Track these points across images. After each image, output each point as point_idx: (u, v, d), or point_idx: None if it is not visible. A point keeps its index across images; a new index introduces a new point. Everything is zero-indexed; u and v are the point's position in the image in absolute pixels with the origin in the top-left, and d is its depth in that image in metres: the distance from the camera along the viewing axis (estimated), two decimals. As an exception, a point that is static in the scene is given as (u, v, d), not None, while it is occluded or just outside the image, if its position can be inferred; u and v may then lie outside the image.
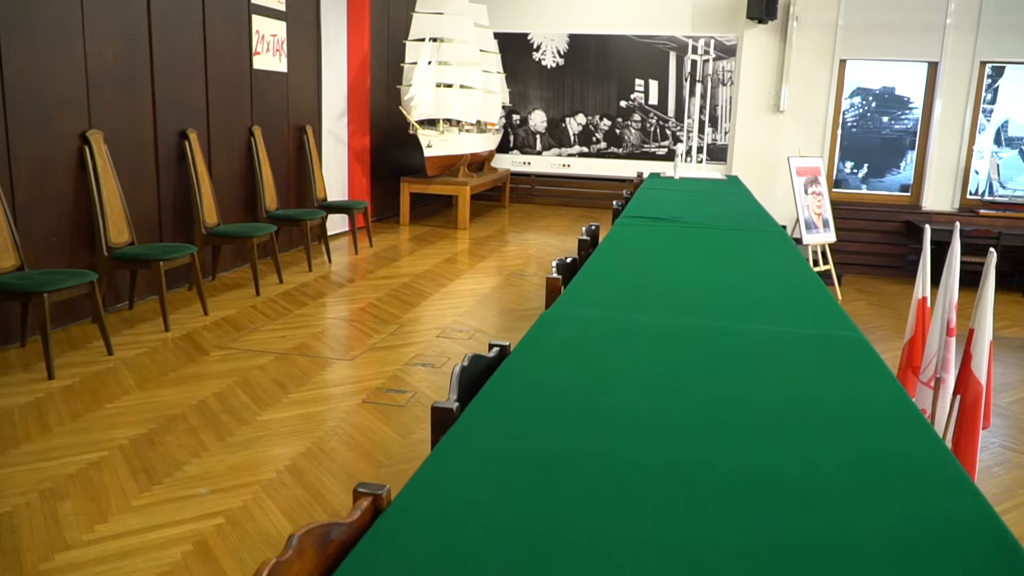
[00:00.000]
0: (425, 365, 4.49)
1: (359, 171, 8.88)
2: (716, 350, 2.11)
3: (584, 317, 2.38)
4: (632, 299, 2.65)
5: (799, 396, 1.77)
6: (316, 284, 6.38)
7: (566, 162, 11.85)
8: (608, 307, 2.52)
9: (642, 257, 3.47)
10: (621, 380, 1.84)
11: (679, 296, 2.72)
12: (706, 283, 2.94)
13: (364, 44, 8.71)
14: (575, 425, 1.60)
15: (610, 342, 2.15)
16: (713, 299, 2.68)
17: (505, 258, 7.71)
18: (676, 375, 1.90)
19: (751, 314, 2.49)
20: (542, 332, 2.22)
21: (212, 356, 4.52)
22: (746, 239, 4.06)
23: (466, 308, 5.76)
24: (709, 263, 3.37)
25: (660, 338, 2.20)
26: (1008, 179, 11.03)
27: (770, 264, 3.38)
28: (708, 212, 5.16)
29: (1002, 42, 10.46)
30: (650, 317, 2.41)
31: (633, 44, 11.45)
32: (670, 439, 1.54)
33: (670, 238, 4.01)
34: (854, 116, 11.29)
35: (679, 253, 3.60)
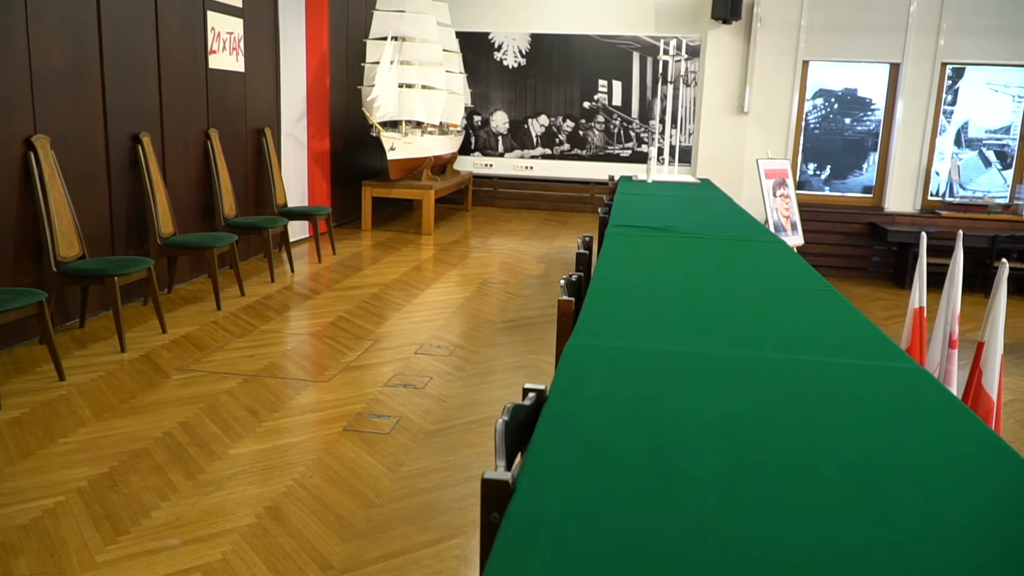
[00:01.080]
0: (407, 386, 4.21)
1: (319, 175, 8.53)
2: (774, 389, 1.89)
3: (613, 349, 2.14)
4: (657, 325, 2.42)
5: (895, 450, 1.56)
6: (280, 296, 6.04)
7: (529, 164, 11.63)
8: (635, 336, 2.29)
9: (649, 273, 3.25)
10: (685, 433, 1.61)
11: (705, 320, 2.50)
12: (728, 303, 2.73)
13: (323, 43, 8.36)
14: (654, 496, 1.36)
15: (652, 382, 1.92)
16: (744, 323, 2.47)
17: (474, 265, 7.45)
18: (743, 423, 1.67)
19: (795, 342, 2.28)
20: (574, 369, 1.97)
21: (174, 380, 4.18)
22: (748, 250, 3.87)
23: (441, 321, 5.49)
24: (722, 279, 3.16)
25: (706, 375, 1.97)
26: (968, 180, 11.13)
27: (785, 279, 3.19)
28: (697, 220, 4.97)
29: (962, 44, 10.55)
30: (685, 347, 2.18)
31: (596, 44, 11.27)
32: (769, 518, 1.30)
33: (670, 250, 3.80)
34: (816, 118, 11.29)
35: (686, 267, 3.39)
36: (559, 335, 2.60)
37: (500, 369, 4.53)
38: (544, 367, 4.59)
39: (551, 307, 5.96)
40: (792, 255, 3.78)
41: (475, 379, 4.35)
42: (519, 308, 5.91)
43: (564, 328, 2.61)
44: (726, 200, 6.41)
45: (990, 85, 10.91)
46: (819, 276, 3.25)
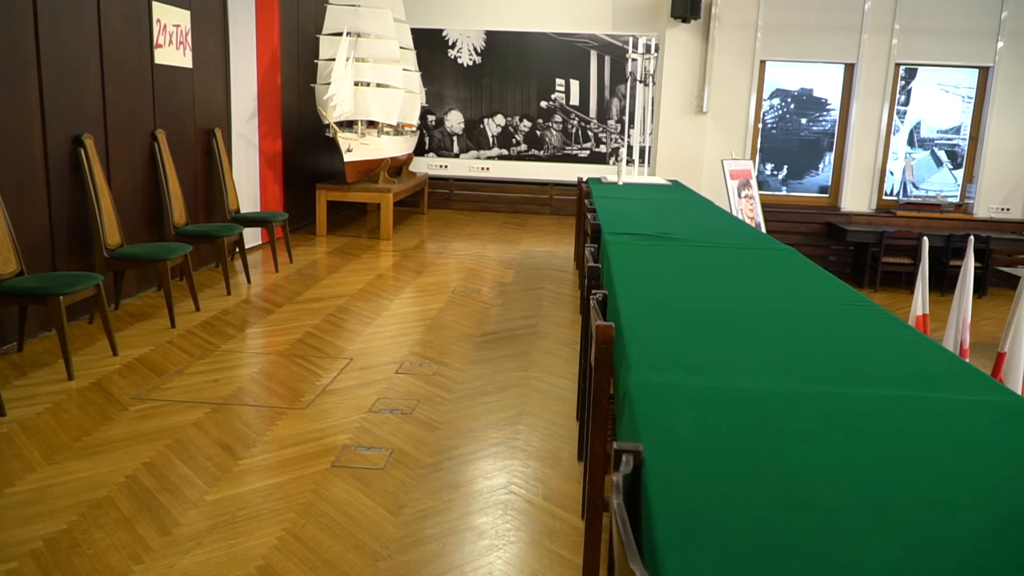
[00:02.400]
0: (393, 411, 3.86)
1: (271, 178, 8.07)
2: (892, 435, 1.62)
3: (687, 390, 1.85)
4: (717, 356, 2.14)
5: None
6: (239, 311, 5.60)
7: (485, 165, 11.32)
8: (701, 371, 2.01)
9: (676, 290, 2.98)
10: (828, 504, 1.32)
11: (765, 348, 2.23)
12: (777, 325, 2.47)
13: (274, 38, 7.91)
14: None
15: (752, 434, 1.63)
16: (809, 351, 2.21)
17: (441, 272, 7.10)
18: (884, 483, 1.39)
19: (879, 374, 2.02)
20: (657, 418, 1.68)
21: (132, 411, 3.75)
22: (762, 260, 3.64)
23: (418, 335, 5.14)
24: (756, 295, 2.91)
25: (805, 421, 1.69)
26: (920, 180, 11.23)
27: (821, 294, 2.95)
28: (691, 226, 4.73)
29: (915, 44, 10.61)
30: (763, 384, 1.91)
31: (553, 42, 11.02)
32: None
33: (684, 261, 3.54)
34: (773, 118, 11.24)
35: (711, 282, 3.13)
36: (599, 364, 2.30)
37: (490, 389, 4.21)
38: (536, 385, 4.29)
39: (530, 317, 5.67)
40: (810, 265, 3.56)
41: (466, 402, 4.03)
42: (497, 319, 5.59)
43: (604, 357, 2.31)
44: (707, 203, 6.21)
45: (941, 86, 11.02)
46: (852, 289, 3.02)
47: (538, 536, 2.79)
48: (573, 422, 3.80)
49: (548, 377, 4.43)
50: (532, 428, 3.72)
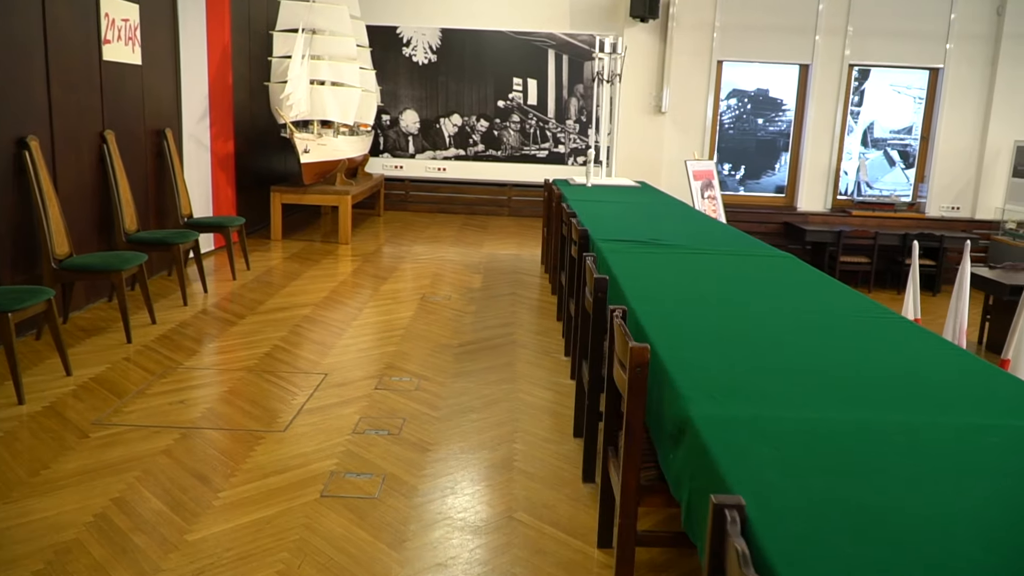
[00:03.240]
0: (379, 432, 3.62)
1: (223, 180, 7.71)
2: (995, 474, 1.48)
3: (757, 423, 1.68)
4: (773, 383, 1.98)
5: None
6: (198, 323, 5.28)
7: (441, 166, 11.08)
8: (764, 401, 1.84)
9: (698, 305, 2.82)
10: (956, 559, 1.16)
11: (821, 371, 2.07)
12: (821, 345, 2.32)
13: (225, 33, 7.55)
14: None
15: (842, 474, 1.46)
16: (866, 374, 2.06)
17: (406, 278, 6.86)
18: (1008, 532, 1.24)
19: (946, 399, 1.89)
20: (734, 459, 1.50)
21: (93, 439, 3.44)
22: (768, 268, 3.51)
23: (394, 347, 4.90)
24: (785, 310, 2.77)
25: (895, 456, 1.54)
26: (874, 179, 11.37)
27: (847, 307, 2.82)
28: (679, 231, 4.60)
29: (868, 45, 10.73)
30: (834, 415, 1.75)
31: (510, 41, 10.83)
32: None
33: (690, 271, 3.39)
34: (730, 118, 11.25)
35: (730, 295, 2.98)
36: (633, 389, 2.12)
37: (478, 405, 4.00)
38: (525, 399, 4.09)
39: (506, 325, 5.47)
40: (816, 272, 3.45)
41: (454, 419, 3.81)
42: (473, 328, 5.38)
43: (639, 382, 2.13)
44: (683, 206, 6.11)
45: (893, 87, 11.17)
46: (867, 298, 2.91)
47: (557, 571, 2.60)
48: (571, 439, 3.62)
49: (536, 390, 4.24)
50: (528, 446, 3.53)
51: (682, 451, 1.74)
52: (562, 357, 4.82)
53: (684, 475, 1.67)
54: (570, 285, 4.71)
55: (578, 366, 3.54)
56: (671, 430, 1.86)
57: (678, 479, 1.73)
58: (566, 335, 4.86)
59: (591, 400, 3.12)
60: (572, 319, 4.74)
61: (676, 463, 1.75)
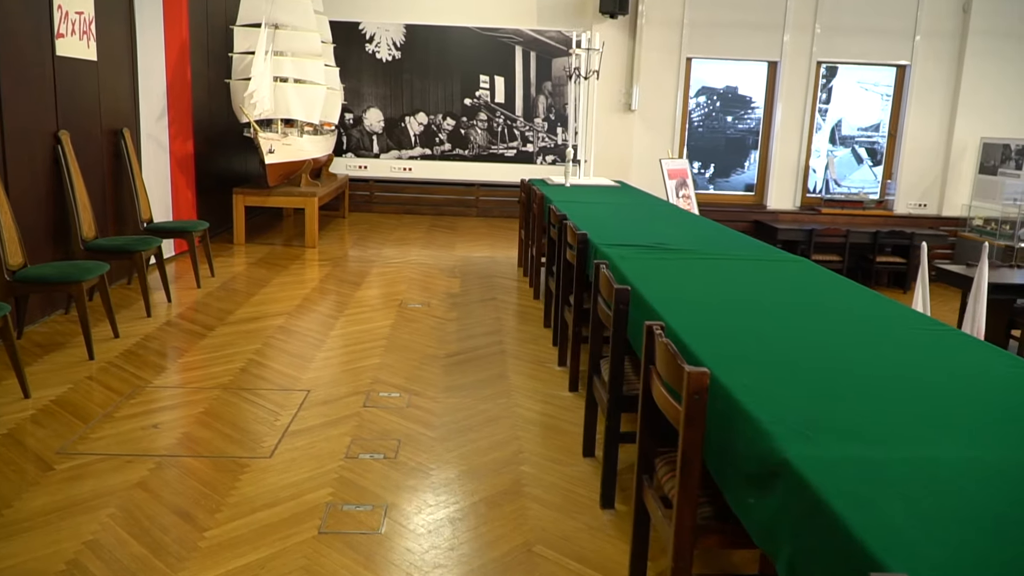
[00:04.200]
0: (374, 456, 3.35)
1: (183, 182, 7.32)
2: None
3: (865, 465, 1.47)
4: (863, 415, 1.77)
5: None
6: (164, 336, 4.93)
7: (407, 165, 10.78)
8: (862, 439, 1.63)
9: (735, 319, 2.61)
10: None
11: (904, 397, 1.88)
12: (891, 365, 2.13)
13: (183, 28, 7.17)
14: None
15: (998, 537, 1.26)
16: (949, 399, 1.87)
17: (380, 284, 6.57)
18: None
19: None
20: (865, 520, 1.28)
21: (59, 471, 3.11)
22: (790, 275, 3.33)
23: (377, 360, 4.62)
24: (829, 323, 2.58)
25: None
26: (842, 177, 11.37)
27: (895, 319, 2.64)
28: (679, 234, 4.41)
29: (835, 42, 10.71)
30: (949, 451, 1.55)
31: (476, 37, 10.58)
32: None
33: (711, 280, 3.19)
34: (700, 116, 11.15)
35: (766, 307, 2.78)
36: (691, 419, 1.90)
37: (476, 423, 3.76)
38: (525, 415, 3.86)
39: (492, 334, 5.23)
40: (841, 279, 3.27)
41: (453, 439, 3.56)
42: (458, 337, 5.13)
43: (697, 410, 1.91)
44: (670, 206, 5.94)
45: (861, 84, 11.18)
46: (911, 309, 2.74)
47: (589, 612, 2.37)
48: (580, 459, 3.40)
49: (533, 404, 4.01)
50: (536, 468, 3.29)
51: (776, 499, 1.52)
52: (555, 367, 4.59)
53: (782, 528, 1.46)
54: (563, 292, 4.49)
55: (589, 382, 3.32)
56: (753, 471, 1.64)
57: (770, 531, 1.51)
58: (559, 344, 4.64)
59: (611, 421, 2.90)
60: (566, 328, 4.52)
61: (765, 511, 1.53)
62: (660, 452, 2.45)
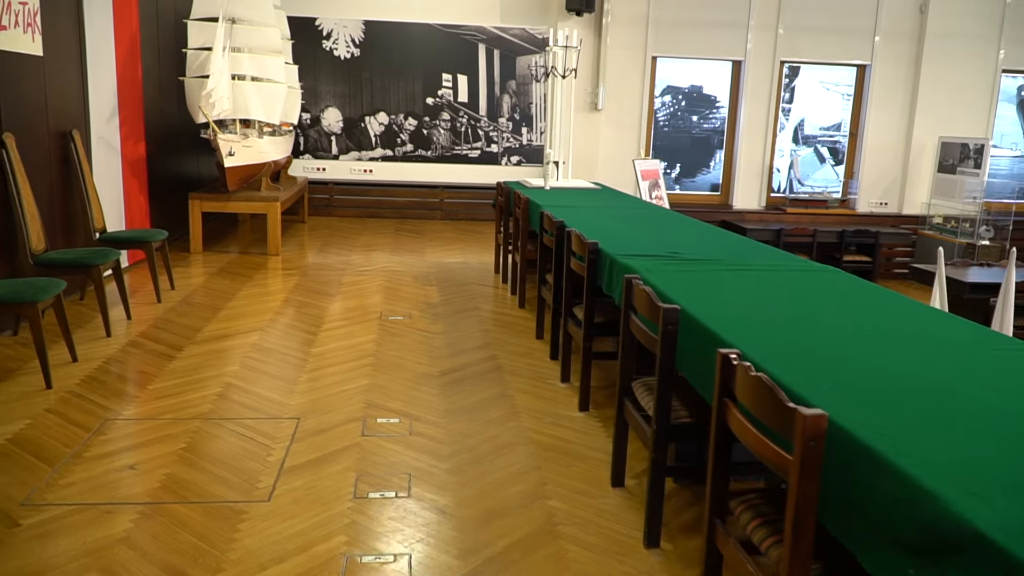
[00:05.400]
0: (385, 494, 3.03)
1: (135, 188, 6.84)
2: None
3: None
4: (996, 456, 1.54)
5: None
6: (128, 359, 4.51)
7: (368, 167, 10.39)
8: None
9: (814, 343, 2.36)
10: None
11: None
12: (1011, 398, 1.91)
13: (132, 22, 6.69)
14: None
15: None
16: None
17: (355, 294, 6.20)
18: None
19: None
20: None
21: (27, 527, 2.71)
22: (828, 286, 3.11)
23: (367, 379, 4.28)
24: (907, 345, 2.35)
25: None
26: (805, 176, 11.36)
27: (960, 335, 2.43)
28: (689, 241, 4.17)
29: (798, 42, 10.67)
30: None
31: (438, 34, 10.24)
32: None
33: (756, 295, 2.95)
34: (665, 115, 11.00)
35: (834, 325, 2.55)
36: (807, 468, 1.65)
37: (488, 450, 3.46)
38: (540, 440, 3.57)
39: (484, 347, 4.92)
40: (886, 291, 3.07)
41: (468, 470, 3.25)
42: (449, 353, 4.81)
43: (814, 457, 1.66)
44: (661, 209, 5.72)
45: (823, 83, 11.17)
46: (986, 329, 2.53)
47: None
48: (609, 490, 3.12)
49: (545, 427, 3.73)
50: (565, 503, 3.01)
51: (955, 572, 1.27)
52: (558, 384, 4.31)
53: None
54: (565, 304, 4.21)
55: (620, 406, 3.05)
56: (915, 538, 1.38)
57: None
58: (562, 359, 4.36)
59: (659, 452, 2.63)
60: (569, 341, 4.26)
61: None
62: (734, 494, 2.19)
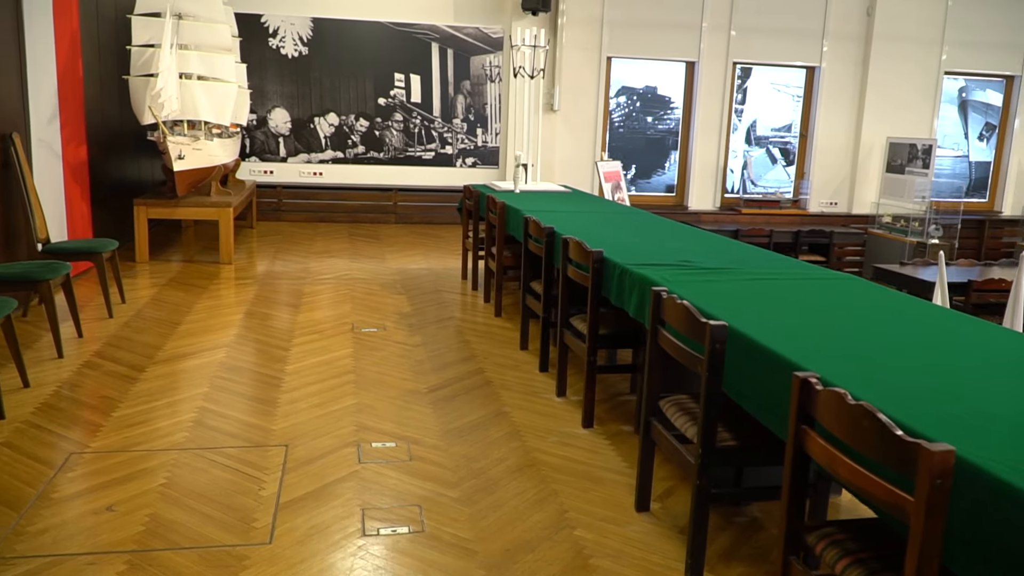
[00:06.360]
0: (397, 530, 2.78)
1: (77, 194, 6.39)
2: None
3: None
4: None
5: None
6: (85, 381, 4.14)
7: (318, 170, 10.03)
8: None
9: (888, 361, 2.22)
10: None
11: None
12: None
13: (73, 17, 6.25)
14: None
15: None
16: None
17: (321, 305, 5.90)
18: None
19: None
20: None
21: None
22: (861, 296, 2.99)
23: (352, 399, 4.01)
24: (997, 365, 2.23)
25: None
26: (758, 177, 11.42)
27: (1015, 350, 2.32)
28: (692, 249, 4.03)
29: (750, 43, 10.71)
30: None
31: (390, 33, 9.94)
32: None
33: (794, 305, 2.80)
34: (620, 116, 10.92)
35: (894, 343, 2.41)
36: (931, 509, 1.49)
37: (497, 474, 3.24)
38: (550, 461, 3.37)
39: (468, 360, 4.70)
40: (918, 301, 2.96)
41: (481, 499, 3.03)
42: (433, 367, 4.57)
43: (939, 499, 1.51)
44: (644, 213, 5.58)
45: (773, 85, 11.25)
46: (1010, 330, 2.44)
47: None
48: (634, 515, 2.94)
49: (553, 447, 3.53)
50: (592, 531, 2.81)
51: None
52: (555, 399, 4.12)
53: None
54: (562, 315, 4.03)
55: (646, 426, 2.87)
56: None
57: None
58: (559, 373, 4.16)
59: (703, 480, 2.46)
60: (566, 352, 4.07)
61: None
62: (810, 527, 2.03)
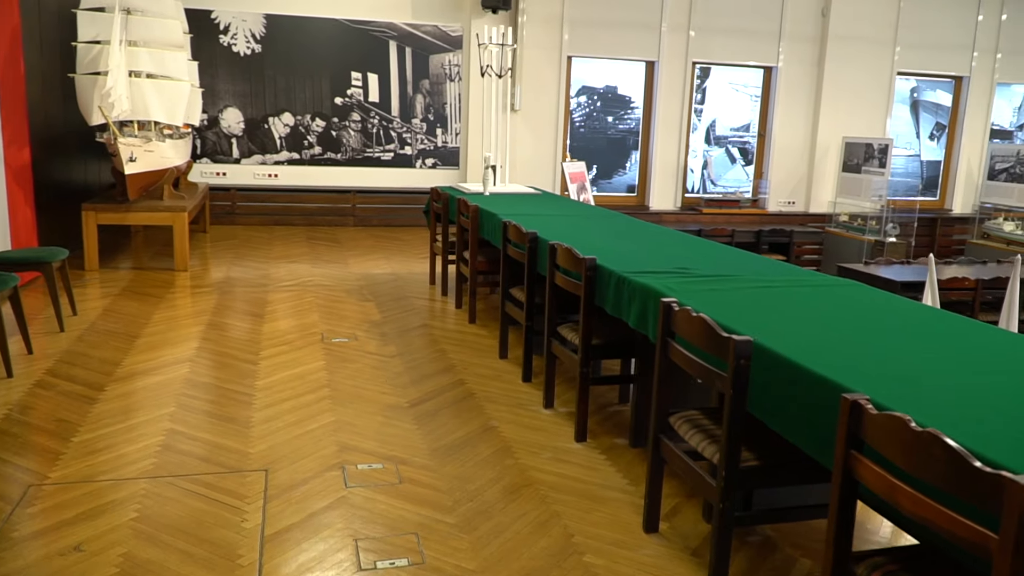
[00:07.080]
0: (395, 563, 2.59)
1: (21, 199, 6.03)
2: None
3: None
4: None
5: None
6: (39, 403, 3.85)
7: (273, 171, 9.72)
8: None
9: (939, 381, 2.11)
10: None
11: None
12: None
13: (13, 12, 5.89)
14: None
15: None
16: None
17: (286, 314, 5.65)
18: None
19: None
20: None
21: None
22: (866, 302, 2.90)
23: (331, 416, 3.80)
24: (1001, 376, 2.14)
25: None
26: (718, 176, 11.44)
27: None
28: (686, 255, 3.91)
29: (709, 43, 10.71)
30: None
31: (346, 30, 9.68)
32: None
33: (811, 316, 2.69)
34: (581, 116, 10.82)
35: (944, 360, 2.31)
36: (1018, 549, 1.37)
37: (494, 498, 3.07)
38: (546, 479, 3.22)
39: (447, 371, 4.51)
40: (927, 308, 2.88)
41: (480, 525, 2.86)
42: (411, 379, 4.37)
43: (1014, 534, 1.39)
44: (626, 218, 5.46)
45: (732, 85, 11.27)
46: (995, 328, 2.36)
47: None
48: (643, 537, 2.80)
49: (547, 464, 3.37)
50: (601, 556, 2.67)
51: None
52: (542, 411, 3.97)
53: None
54: (549, 324, 3.88)
55: (654, 445, 2.74)
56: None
57: None
58: (546, 383, 4.01)
59: (727, 501, 2.33)
60: (553, 362, 3.93)
61: None
62: (857, 557, 1.91)
